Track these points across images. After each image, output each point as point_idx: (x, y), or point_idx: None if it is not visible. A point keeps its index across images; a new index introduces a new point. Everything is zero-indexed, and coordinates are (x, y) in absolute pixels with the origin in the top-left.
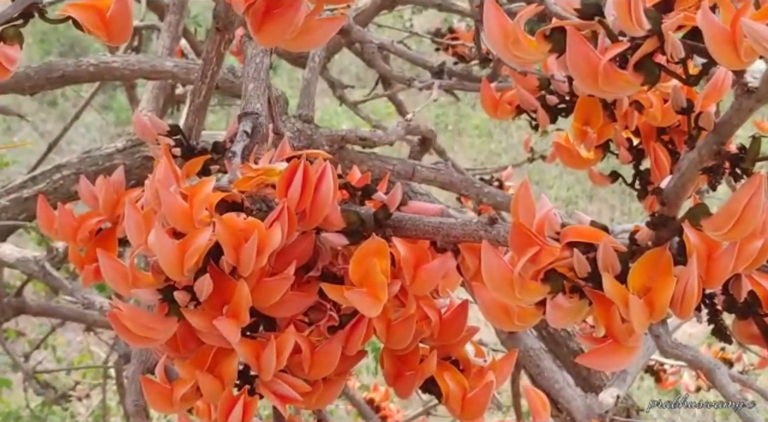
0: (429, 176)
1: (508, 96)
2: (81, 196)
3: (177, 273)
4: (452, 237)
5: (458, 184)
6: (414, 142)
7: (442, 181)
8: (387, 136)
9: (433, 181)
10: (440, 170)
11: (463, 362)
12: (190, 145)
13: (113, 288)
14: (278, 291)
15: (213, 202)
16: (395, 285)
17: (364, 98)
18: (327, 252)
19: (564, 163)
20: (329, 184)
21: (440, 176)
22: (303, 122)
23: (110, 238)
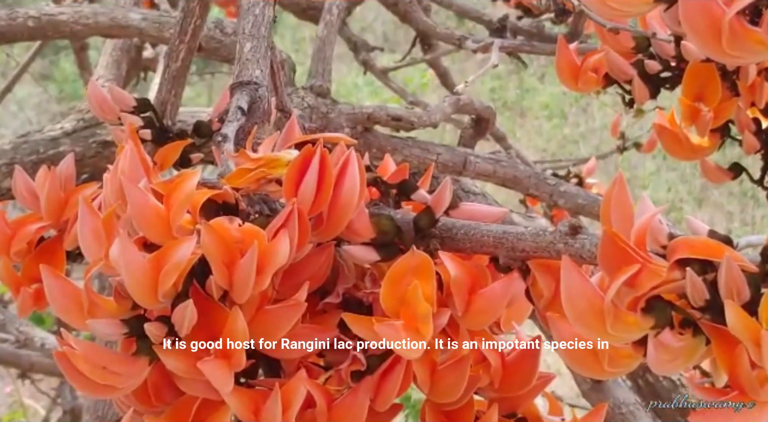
0: (486, 169)
1: (592, 61)
2: (16, 194)
3: (149, 299)
4: (520, 252)
5: (525, 181)
6: (465, 123)
7: (503, 175)
8: (429, 115)
9: (491, 175)
10: (501, 161)
11: (534, 420)
12: (163, 125)
13: (62, 317)
14: (285, 322)
15: (197, 203)
16: (443, 317)
17: (397, 64)
18: (351, 272)
19: (668, 152)
20: (354, 179)
21: (501, 169)
22: (316, 96)
23: (56, 251)
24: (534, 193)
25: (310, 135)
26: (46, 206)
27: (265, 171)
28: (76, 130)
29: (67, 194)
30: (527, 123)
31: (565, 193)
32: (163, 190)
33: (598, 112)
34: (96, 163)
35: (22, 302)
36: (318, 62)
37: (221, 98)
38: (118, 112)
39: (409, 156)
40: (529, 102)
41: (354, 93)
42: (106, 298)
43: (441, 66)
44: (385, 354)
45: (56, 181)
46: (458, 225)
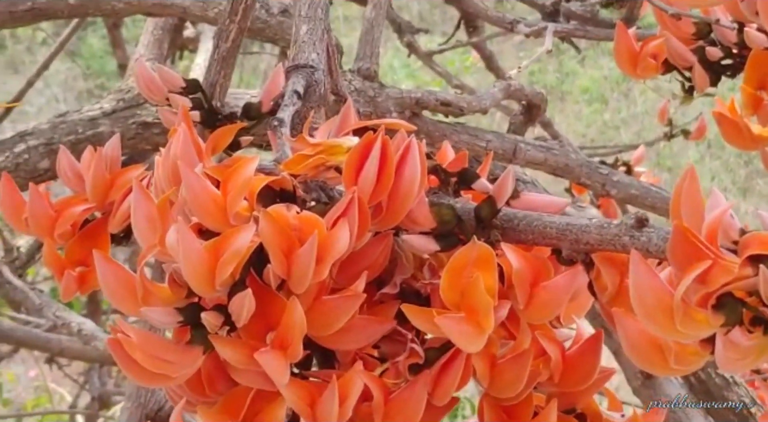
0: (536, 157)
1: (652, 47)
2: (61, 174)
3: (206, 287)
4: (584, 244)
5: (577, 169)
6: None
7: (555, 164)
8: (479, 100)
9: (542, 163)
10: (552, 149)
11: (593, 417)
12: (213, 107)
13: (116, 304)
14: (343, 313)
15: (255, 189)
16: (503, 309)
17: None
18: (409, 262)
19: (727, 141)
20: (415, 167)
21: (552, 157)
22: (363, 79)
23: (100, 234)
24: (585, 182)
25: (367, 121)
26: (91, 188)
27: (324, 157)
28: (115, 110)
29: (112, 176)
30: (567, 107)
31: (617, 183)
32: (219, 175)
33: (639, 97)
34: (135, 144)
35: (66, 285)
36: (366, 44)
37: (271, 80)
38: (166, 92)
39: (458, 143)
40: (569, 86)
41: (389, 75)
42: (160, 285)
43: (486, 49)
44: (444, 346)
45: (102, 163)
46: (520, 215)
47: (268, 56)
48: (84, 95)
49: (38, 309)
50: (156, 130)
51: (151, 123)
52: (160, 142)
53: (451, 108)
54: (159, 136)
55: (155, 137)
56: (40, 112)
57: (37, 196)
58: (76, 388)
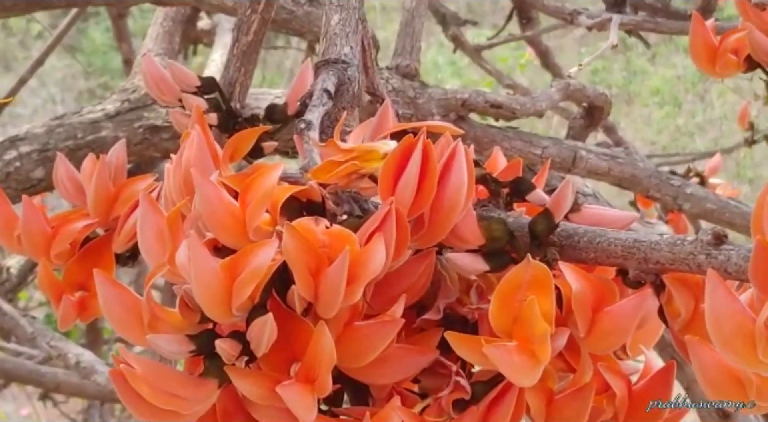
0: (599, 166)
1: (732, 41)
2: (57, 185)
3: (221, 311)
4: (654, 264)
5: (645, 181)
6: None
7: (620, 174)
8: (534, 102)
9: (605, 174)
10: (617, 158)
11: None
12: (231, 109)
13: (120, 331)
14: (378, 342)
15: (278, 201)
16: (561, 338)
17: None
18: (454, 284)
19: None
20: (462, 175)
21: (617, 167)
22: (402, 77)
23: (103, 253)
24: (654, 195)
25: (407, 123)
26: (93, 201)
27: (357, 164)
28: (119, 112)
29: (117, 188)
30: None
31: (691, 196)
32: (237, 185)
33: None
34: (142, 151)
35: (64, 312)
36: (405, 38)
37: (298, 78)
38: (179, 92)
39: (510, 150)
40: (637, 86)
41: (432, 73)
42: (169, 310)
43: (542, 44)
44: (494, 380)
45: (105, 172)
46: (581, 231)
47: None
48: (84, 95)
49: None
50: (166, 135)
51: (161, 127)
52: (170, 149)
53: (503, 110)
54: (169, 141)
55: (165, 143)
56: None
57: (31, 210)
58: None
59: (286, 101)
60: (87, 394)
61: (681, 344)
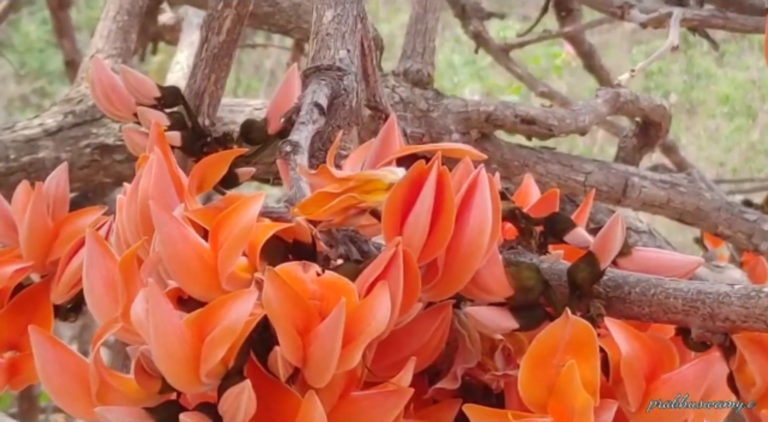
0: (656, 196)
1: None
2: None
3: (187, 378)
4: (722, 321)
5: (713, 215)
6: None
7: (681, 206)
8: (575, 116)
9: (663, 206)
10: (678, 186)
11: None
12: (199, 126)
13: (60, 402)
14: (381, 417)
15: (258, 242)
16: (608, 413)
17: (521, 39)
18: (475, 345)
19: None
20: (485, 211)
21: (678, 197)
22: (412, 86)
23: (39, 305)
24: (725, 233)
25: (418, 146)
26: (27, 239)
27: (355, 196)
28: (62, 127)
29: (56, 223)
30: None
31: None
32: (207, 221)
33: None
34: (89, 175)
35: None
36: (416, 36)
37: (282, 86)
38: (134, 105)
39: (545, 175)
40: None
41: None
42: (123, 376)
43: (584, 42)
44: None
45: (42, 204)
46: (632, 280)
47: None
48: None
49: None
50: (119, 157)
51: (113, 146)
52: (124, 173)
53: (536, 127)
54: (123, 164)
55: (118, 166)
56: None
57: None
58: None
59: (266, 117)
60: None
61: (755, 420)
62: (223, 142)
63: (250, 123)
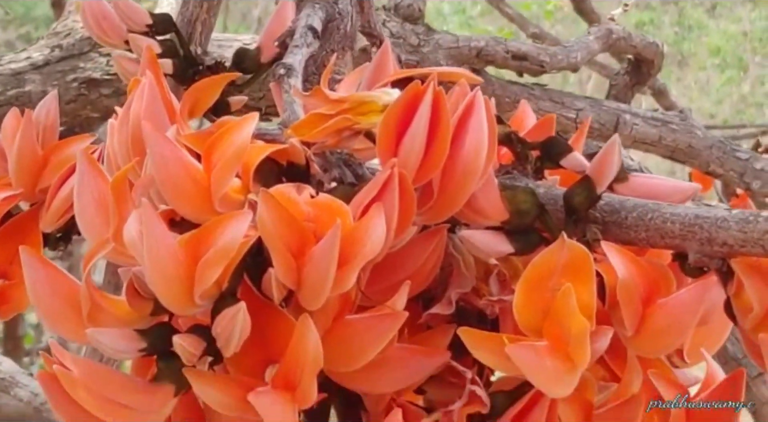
0: (648, 134)
1: None
2: None
3: (181, 300)
4: (720, 246)
5: (704, 153)
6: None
7: (673, 143)
8: (567, 52)
9: (654, 143)
10: (670, 123)
11: None
12: (191, 54)
13: (50, 325)
14: (375, 341)
15: (252, 163)
16: (603, 338)
17: None
18: (470, 270)
19: None
20: (481, 133)
21: (670, 135)
22: (403, 20)
23: (29, 232)
24: (716, 171)
25: (413, 69)
26: (16, 167)
27: (350, 118)
28: (49, 61)
29: (46, 151)
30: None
31: (762, 172)
32: (199, 145)
33: None
34: (76, 110)
35: None
36: None
37: (276, 14)
38: (125, 32)
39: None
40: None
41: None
42: (114, 298)
43: None
44: (518, 390)
45: (31, 132)
46: (629, 205)
47: None
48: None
49: None
50: (106, 90)
51: (100, 80)
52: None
53: (528, 63)
54: (110, 98)
55: (105, 100)
56: None
57: None
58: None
59: (259, 45)
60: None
61: (752, 345)
62: (216, 71)
63: (243, 52)
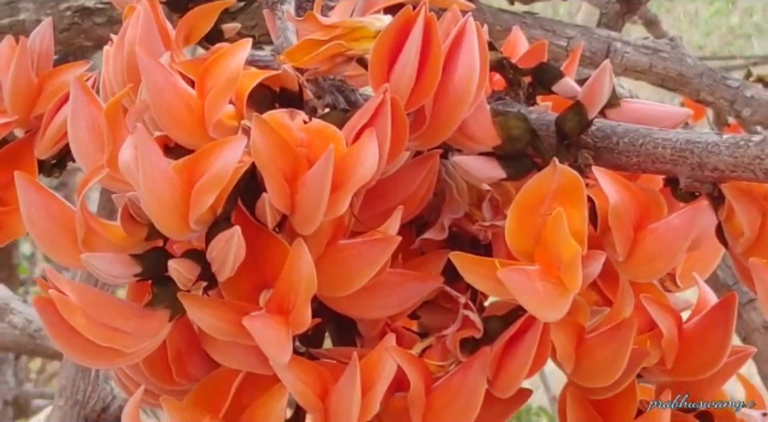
0: (639, 62)
1: None
2: None
3: (176, 225)
4: (711, 171)
5: (695, 81)
6: None
7: (664, 71)
8: None
9: (645, 71)
10: (661, 52)
11: (722, 417)
12: None
13: (46, 249)
14: (368, 265)
15: (245, 89)
16: (595, 262)
17: None
18: (462, 195)
19: None
20: (473, 59)
21: (660, 63)
22: None
23: (24, 159)
24: (707, 99)
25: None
26: (11, 94)
27: (342, 44)
28: None
29: (41, 78)
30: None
31: (752, 100)
32: (193, 71)
33: None
34: (70, 38)
35: None
36: None
37: None
38: None
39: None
40: None
41: None
42: (109, 223)
43: None
44: (511, 314)
45: (26, 59)
46: (620, 130)
47: None
48: None
49: None
50: (100, 19)
51: (93, 9)
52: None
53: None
54: (104, 27)
55: (98, 29)
56: None
57: None
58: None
59: None
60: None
61: (743, 269)
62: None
63: None
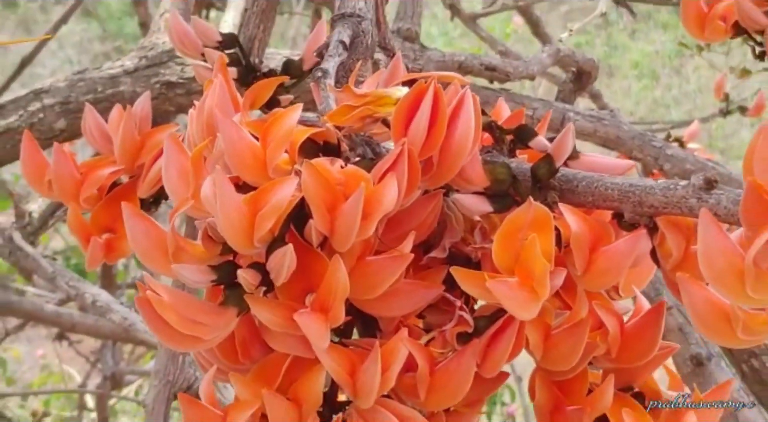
0: (586, 128)
1: (721, 9)
2: (86, 134)
3: (244, 242)
4: (648, 207)
5: (629, 142)
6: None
7: (605, 135)
8: (526, 65)
9: (591, 134)
10: (603, 120)
11: (651, 395)
12: (251, 64)
13: (146, 262)
14: (388, 275)
15: (297, 141)
16: (559, 276)
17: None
18: (459, 224)
19: None
20: (469, 120)
21: (602, 128)
22: (403, 40)
23: (129, 198)
24: (637, 156)
25: (418, 73)
26: (120, 149)
27: (371, 108)
28: (137, 68)
29: (142, 137)
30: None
31: (672, 157)
32: (257, 129)
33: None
34: (158, 105)
35: (92, 253)
36: (407, 3)
37: (314, 34)
38: (201, 47)
39: None
40: (618, 60)
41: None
42: (193, 242)
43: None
44: (495, 314)
45: (131, 122)
46: (580, 176)
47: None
48: (100, 58)
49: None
50: (180, 91)
51: (175, 83)
52: (183, 104)
53: (497, 73)
54: (183, 97)
55: (179, 98)
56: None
57: (62, 156)
58: (86, 369)
59: (302, 57)
60: (101, 333)
61: (672, 283)
62: (269, 76)
63: (290, 62)
